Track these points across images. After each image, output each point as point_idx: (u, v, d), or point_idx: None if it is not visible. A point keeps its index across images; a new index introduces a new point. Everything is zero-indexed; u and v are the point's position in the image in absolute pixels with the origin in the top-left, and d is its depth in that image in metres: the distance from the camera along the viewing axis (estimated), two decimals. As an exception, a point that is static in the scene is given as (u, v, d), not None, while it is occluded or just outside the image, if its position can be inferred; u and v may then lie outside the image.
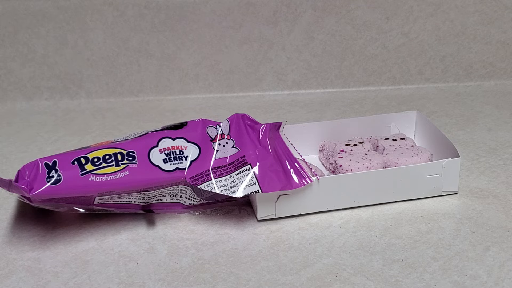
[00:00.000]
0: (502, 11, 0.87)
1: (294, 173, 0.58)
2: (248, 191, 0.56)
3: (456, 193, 0.62)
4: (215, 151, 0.58)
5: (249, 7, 0.85)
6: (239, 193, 0.56)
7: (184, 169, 0.57)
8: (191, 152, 0.58)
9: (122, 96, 0.88)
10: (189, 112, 0.84)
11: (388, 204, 0.61)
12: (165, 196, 0.60)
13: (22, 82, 0.87)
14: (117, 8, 0.85)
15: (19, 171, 0.54)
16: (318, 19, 0.86)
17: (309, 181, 0.58)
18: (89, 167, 0.55)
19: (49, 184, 0.53)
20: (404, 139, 0.66)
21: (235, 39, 0.87)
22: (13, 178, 0.54)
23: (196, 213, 0.60)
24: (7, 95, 0.87)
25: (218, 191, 0.56)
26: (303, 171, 0.58)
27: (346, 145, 0.65)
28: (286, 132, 0.65)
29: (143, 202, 0.59)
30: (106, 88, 0.88)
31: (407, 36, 0.87)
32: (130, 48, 0.86)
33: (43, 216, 0.60)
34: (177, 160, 0.57)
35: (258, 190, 0.56)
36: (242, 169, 0.57)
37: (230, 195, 0.56)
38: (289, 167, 0.58)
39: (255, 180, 0.56)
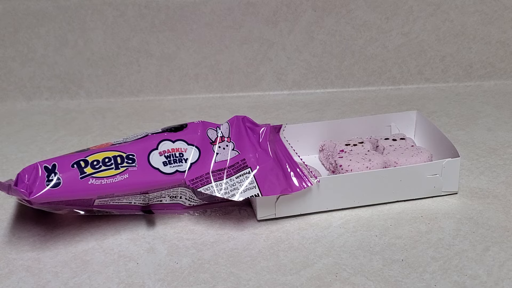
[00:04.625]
0: (502, 11, 0.87)
1: (295, 176, 0.58)
2: (248, 195, 0.56)
3: (456, 193, 0.62)
4: (215, 154, 0.58)
5: (249, 7, 0.85)
6: (239, 197, 0.56)
7: (184, 171, 0.57)
8: (191, 154, 0.58)
9: (122, 96, 0.88)
10: (189, 112, 0.84)
11: (388, 204, 0.61)
12: (165, 197, 0.60)
13: (22, 82, 0.87)
14: (117, 8, 0.85)
15: (18, 174, 0.54)
16: (318, 19, 0.86)
17: (309, 184, 0.58)
18: (88, 170, 0.55)
19: (48, 187, 0.53)
20: (404, 139, 0.66)
21: (235, 39, 0.87)
22: (13, 181, 0.54)
23: (196, 214, 0.60)
24: (7, 95, 0.87)
25: (218, 194, 0.56)
26: (303, 174, 0.58)
27: (346, 145, 0.65)
28: (286, 132, 0.65)
29: (143, 204, 0.59)
30: (106, 88, 0.88)
31: (407, 36, 0.87)
32: (130, 48, 0.87)
33: (43, 216, 0.60)
34: (177, 163, 0.57)
35: (258, 194, 0.56)
36: (242, 172, 0.57)
37: (230, 198, 0.56)
38: (289, 170, 0.58)
39: (255, 184, 0.56)
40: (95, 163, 0.55)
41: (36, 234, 0.58)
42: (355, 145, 0.65)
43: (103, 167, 0.55)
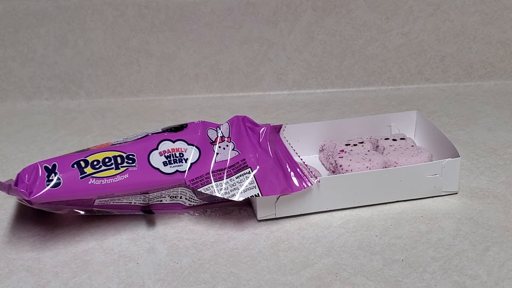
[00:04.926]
0: (502, 11, 0.87)
1: (295, 176, 0.58)
2: (248, 195, 0.56)
3: (456, 193, 0.62)
4: (215, 154, 0.58)
5: (249, 7, 0.85)
6: (239, 197, 0.56)
7: (184, 171, 0.57)
8: (191, 154, 0.58)
9: (122, 96, 0.88)
10: (189, 112, 0.84)
11: (388, 204, 0.61)
12: (165, 197, 0.60)
13: (22, 82, 0.87)
14: (117, 8, 0.85)
15: (18, 174, 0.54)
16: (318, 19, 0.86)
17: (309, 184, 0.58)
18: (88, 170, 0.55)
19: (48, 187, 0.53)
20: (404, 139, 0.66)
21: (235, 39, 0.87)
22: (13, 181, 0.54)
23: (196, 214, 0.60)
24: (7, 95, 0.87)
25: (218, 194, 0.56)
26: (303, 174, 0.58)
27: (346, 145, 0.65)
28: (286, 132, 0.65)
29: (143, 204, 0.59)
30: (106, 88, 0.88)
31: (407, 36, 0.87)
32: (130, 48, 0.87)
33: (43, 216, 0.60)
34: (177, 163, 0.57)
35: (258, 194, 0.56)
36: (242, 172, 0.57)
37: (230, 198, 0.56)
38: (289, 170, 0.58)
39: (255, 184, 0.56)
40: (95, 163, 0.55)
41: (36, 234, 0.58)
42: (355, 145, 0.65)
43: (103, 167, 0.55)
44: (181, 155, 0.58)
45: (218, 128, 0.60)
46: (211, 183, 0.56)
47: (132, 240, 0.57)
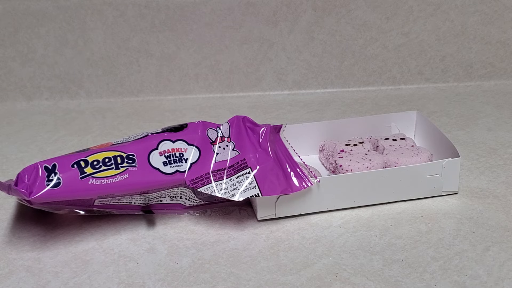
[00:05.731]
0: (502, 11, 0.87)
1: (295, 176, 0.58)
2: (248, 195, 0.56)
3: (456, 193, 0.62)
4: (215, 154, 0.58)
5: (249, 7, 0.85)
6: (239, 197, 0.55)
7: (184, 171, 0.57)
8: (191, 154, 0.58)
9: (122, 96, 0.88)
10: (189, 112, 0.84)
11: (388, 204, 0.61)
12: (165, 197, 0.60)
13: (22, 82, 0.87)
14: (117, 8, 0.85)
15: (18, 174, 0.54)
16: (318, 19, 0.86)
17: (309, 184, 0.57)
18: (88, 170, 0.55)
19: (48, 187, 0.53)
20: (404, 139, 0.66)
21: (235, 39, 0.87)
22: (13, 181, 0.54)
23: (196, 214, 0.60)
24: (7, 95, 0.87)
25: (218, 194, 0.56)
26: (303, 174, 0.58)
27: (346, 145, 0.65)
28: (286, 132, 0.65)
29: (143, 204, 0.59)
30: (106, 88, 0.88)
31: (407, 36, 0.87)
32: (130, 48, 0.87)
33: (43, 216, 0.60)
34: (177, 163, 0.57)
35: (258, 194, 0.56)
36: (242, 172, 0.57)
37: (230, 198, 0.56)
38: (289, 170, 0.58)
39: (255, 184, 0.56)
40: (95, 163, 0.55)
41: (36, 234, 0.58)
42: (355, 145, 0.65)
43: (103, 167, 0.55)
44: (181, 155, 0.58)
45: (218, 128, 0.60)
46: (211, 183, 0.56)
47: (132, 240, 0.57)
